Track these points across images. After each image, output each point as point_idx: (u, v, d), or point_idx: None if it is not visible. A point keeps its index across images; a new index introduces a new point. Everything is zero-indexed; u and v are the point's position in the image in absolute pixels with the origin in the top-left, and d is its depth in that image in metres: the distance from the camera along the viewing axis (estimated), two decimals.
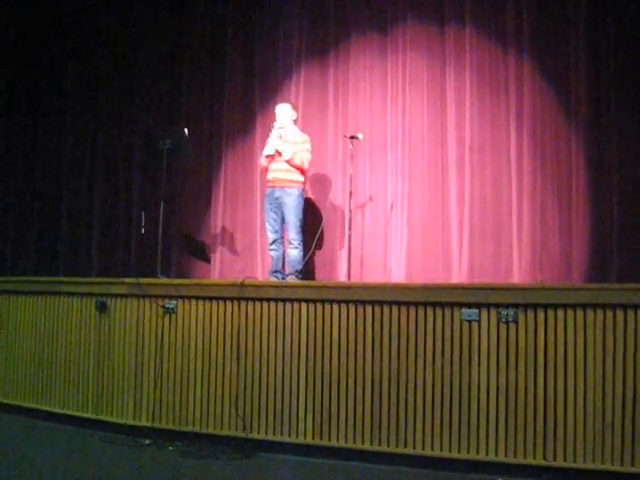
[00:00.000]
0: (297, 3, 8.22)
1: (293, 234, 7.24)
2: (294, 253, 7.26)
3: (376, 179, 7.70)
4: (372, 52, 7.85)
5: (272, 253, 7.36)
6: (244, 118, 8.45)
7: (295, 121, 7.48)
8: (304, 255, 7.35)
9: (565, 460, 4.80)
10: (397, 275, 7.40)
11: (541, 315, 4.94)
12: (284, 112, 7.41)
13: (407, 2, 7.70)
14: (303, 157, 7.27)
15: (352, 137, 7.28)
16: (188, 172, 8.56)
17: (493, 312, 5.05)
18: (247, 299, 5.81)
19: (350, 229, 7.28)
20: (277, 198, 7.27)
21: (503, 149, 7.19)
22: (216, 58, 8.62)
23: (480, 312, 5.09)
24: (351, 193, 7.31)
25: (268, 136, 7.44)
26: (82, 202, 9.09)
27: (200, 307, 5.98)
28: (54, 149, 9.25)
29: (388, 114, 7.73)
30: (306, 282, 6.85)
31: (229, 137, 8.51)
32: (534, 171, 7.03)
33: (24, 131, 9.33)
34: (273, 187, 7.30)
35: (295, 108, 7.52)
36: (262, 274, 7.96)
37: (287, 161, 7.19)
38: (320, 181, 7.95)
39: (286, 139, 7.29)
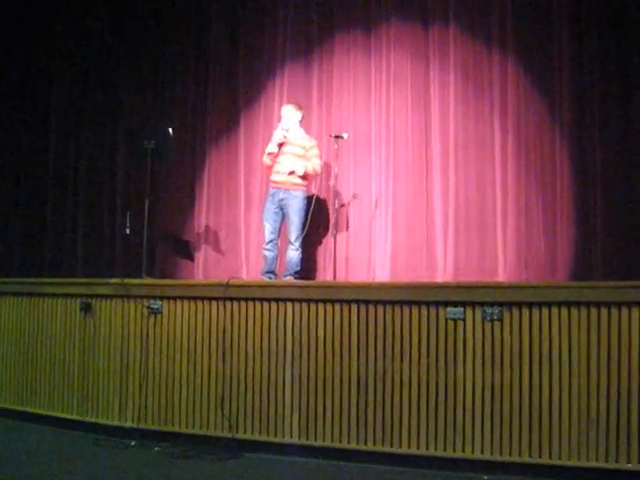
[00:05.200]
0: (281, 2, 8.20)
1: (294, 236, 7.19)
2: (294, 255, 7.20)
3: (360, 178, 7.70)
4: (356, 51, 7.85)
5: (266, 253, 7.28)
6: (228, 118, 8.43)
7: (301, 121, 7.45)
8: (303, 257, 7.31)
9: (550, 457, 4.83)
10: (382, 274, 7.40)
11: (526, 313, 4.96)
12: (289, 113, 7.38)
13: (391, 1, 7.70)
14: (315, 164, 7.27)
15: (337, 136, 7.29)
16: (172, 172, 8.52)
17: (478, 310, 5.08)
18: (232, 299, 5.81)
19: (336, 228, 7.28)
20: (281, 199, 7.23)
21: (487, 148, 7.21)
22: (200, 58, 8.60)
23: (465, 310, 5.11)
24: (337, 192, 7.33)
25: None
26: (66, 202, 9.05)
27: (185, 307, 5.97)
28: (38, 150, 9.20)
29: (372, 113, 7.72)
30: (291, 282, 6.85)
31: (213, 137, 8.49)
32: (518, 170, 7.05)
33: (9, 133, 9.28)
34: (278, 188, 7.26)
35: (301, 108, 7.47)
36: (247, 274, 7.95)
37: (302, 176, 7.20)
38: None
39: (292, 142, 7.27)
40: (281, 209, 7.25)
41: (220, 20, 8.53)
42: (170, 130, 7.26)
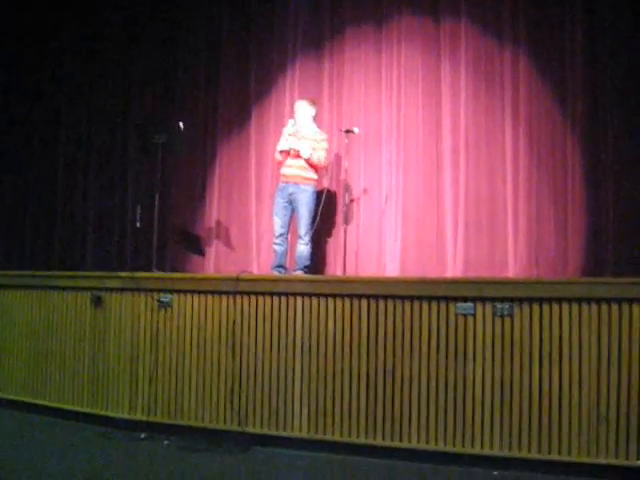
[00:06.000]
0: None
1: (304, 230, 7.18)
2: (304, 249, 7.18)
3: (371, 172, 7.69)
4: (367, 46, 7.83)
5: (276, 247, 7.28)
6: (239, 112, 8.43)
7: (314, 117, 7.45)
8: (313, 252, 7.30)
9: (560, 453, 4.82)
10: (391, 269, 7.39)
11: (536, 309, 4.95)
12: (302, 109, 7.38)
13: None
14: (320, 156, 7.22)
15: (347, 131, 7.28)
16: (183, 166, 8.53)
17: (488, 306, 5.07)
18: (242, 293, 5.81)
19: (346, 223, 7.28)
20: (291, 194, 7.21)
21: (498, 143, 7.18)
22: (211, 52, 8.60)
23: (475, 306, 5.10)
24: (347, 187, 7.33)
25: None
26: (77, 196, 9.08)
27: (195, 301, 5.98)
28: (49, 144, 9.24)
29: (383, 108, 7.71)
30: (301, 276, 6.85)
31: (224, 131, 8.49)
32: (529, 165, 7.03)
33: (19, 126, 9.31)
34: (287, 182, 7.25)
35: (314, 104, 7.47)
36: (257, 268, 7.95)
37: (306, 160, 7.18)
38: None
39: (304, 136, 7.25)
40: (290, 203, 7.25)
41: (231, 15, 8.52)
42: (180, 124, 7.25)
